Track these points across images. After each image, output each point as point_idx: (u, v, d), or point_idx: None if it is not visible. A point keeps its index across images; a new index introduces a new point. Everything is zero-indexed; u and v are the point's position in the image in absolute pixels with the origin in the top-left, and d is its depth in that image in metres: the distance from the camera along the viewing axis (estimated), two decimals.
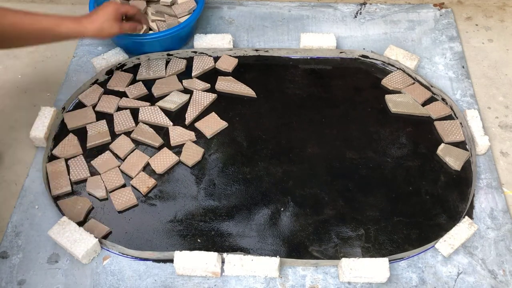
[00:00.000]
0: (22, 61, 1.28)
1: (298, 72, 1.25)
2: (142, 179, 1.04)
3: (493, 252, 0.95)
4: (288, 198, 1.02)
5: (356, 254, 0.94)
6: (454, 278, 0.92)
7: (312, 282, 0.92)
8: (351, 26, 1.35)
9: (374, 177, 1.05)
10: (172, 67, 1.24)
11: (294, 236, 0.97)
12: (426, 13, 1.39)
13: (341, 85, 1.22)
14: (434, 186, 1.04)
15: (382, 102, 1.18)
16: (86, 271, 0.93)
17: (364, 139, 1.12)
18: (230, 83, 1.20)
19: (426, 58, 1.27)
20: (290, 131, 1.13)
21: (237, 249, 0.95)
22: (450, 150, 1.08)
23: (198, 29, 1.34)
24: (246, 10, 1.40)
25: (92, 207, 1.01)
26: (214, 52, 1.27)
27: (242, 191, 1.04)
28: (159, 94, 1.19)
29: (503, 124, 1.16)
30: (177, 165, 1.08)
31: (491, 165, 1.07)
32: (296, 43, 1.31)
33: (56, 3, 1.43)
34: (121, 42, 1.24)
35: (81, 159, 1.07)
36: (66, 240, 0.92)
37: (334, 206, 1.01)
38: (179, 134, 1.11)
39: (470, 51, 1.30)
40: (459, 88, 1.21)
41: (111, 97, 1.18)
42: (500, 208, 1.01)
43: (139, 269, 0.93)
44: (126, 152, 1.08)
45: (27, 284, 0.91)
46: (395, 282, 0.92)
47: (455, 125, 1.13)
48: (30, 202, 1.02)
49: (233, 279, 0.92)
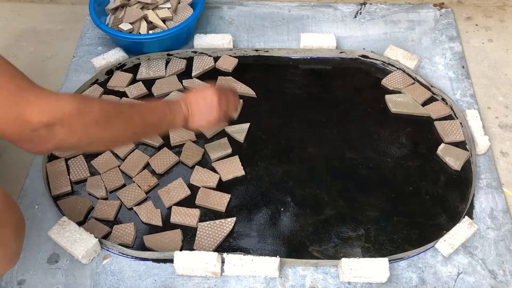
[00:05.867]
0: (22, 61, 1.28)
1: (298, 72, 1.25)
2: (144, 177, 1.04)
3: (493, 252, 0.95)
4: (288, 198, 1.02)
5: (356, 254, 0.94)
6: (454, 278, 0.92)
7: (312, 282, 0.92)
8: (351, 26, 1.35)
9: (374, 177, 1.05)
10: (172, 67, 1.24)
11: (294, 236, 0.97)
12: (426, 13, 1.38)
13: (341, 85, 1.22)
14: (434, 186, 1.04)
15: (382, 102, 1.18)
16: (86, 271, 0.93)
17: (364, 139, 1.12)
18: (230, 83, 1.20)
19: (426, 58, 1.27)
20: (290, 131, 1.13)
21: (237, 249, 0.95)
22: (450, 150, 1.08)
23: (198, 29, 1.34)
24: (246, 10, 1.40)
25: (92, 207, 1.01)
26: (214, 52, 1.27)
27: (242, 191, 1.04)
28: (159, 94, 1.19)
29: (503, 124, 1.16)
30: (177, 165, 1.08)
31: (491, 165, 1.07)
32: (296, 43, 1.31)
33: (56, 3, 1.43)
34: (121, 42, 1.24)
35: (81, 159, 1.07)
36: (66, 240, 0.92)
37: (334, 206, 1.01)
38: (179, 134, 1.11)
39: (470, 51, 1.30)
40: (459, 88, 1.21)
41: (111, 97, 1.18)
42: (500, 208, 1.01)
43: (139, 269, 0.93)
44: (126, 152, 1.08)
45: (27, 284, 0.91)
46: (395, 282, 0.92)
47: (455, 125, 1.13)
48: (30, 202, 1.02)
49: (233, 279, 0.92)
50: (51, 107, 0.65)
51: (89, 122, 0.70)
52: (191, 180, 1.04)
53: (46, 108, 0.65)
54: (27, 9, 1.41)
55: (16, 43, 1.31)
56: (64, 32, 1.37)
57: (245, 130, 1.12)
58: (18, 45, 1.31)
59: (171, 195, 1.02)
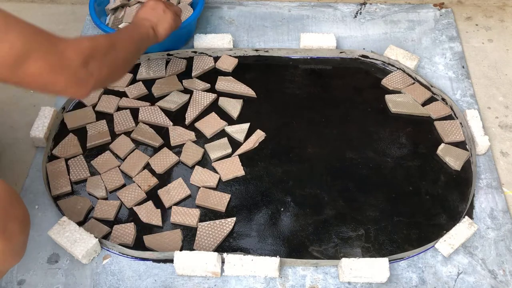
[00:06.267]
0: None
1: (298, 72, 1.25)
2: (144, 177, 1.04)
3: (493, 252, 0.95)
4: (288, 198, 1.02)
5: (356, 254, 0.94)
6: (454, 278, 0.92)
7: (312, 282, 0.92)
8: (351, 26, 1.35)
9: (374, 177, 1.05)
10: (172, 67, 1.24)
11: (294, 236, 0.97)
12: (426, 13, 1.38)
13: (341, 85, 1.22)
14: (434, 186, 1.04)
15: (382, 102, 1.18)
16: (86, 271, 0.93)
17: (364, 139, 1.12)
18: (230, 83, 1.20)
19: (426, 58, 1.27)
20: (290, 131, 1.13)
21: (237, 249, 0.95)
22: (450, 150, 1.08)
23: (198, 29, 1.34)
24: (246, 10, 1.40)
25: (92, 207, 1.01)
26: (214, 52, 1.27)
27: (242, 191, 1.04)
28: (159, 94, 1.19)
29: (503, 124, 1.16)
30: (177, 165, 1.08)
31: (491, 165, 1.07)
32: (296, 43, 1.31)
33: (56, 3, 1.43)
34: None
35: (81, 159, 1.07)
36: (66, 240, 0.92)
37: (334, 206, 1.01)
38: (179, 134, 1.11)
39: (470, 51, 1.30)
40: (459, 88, 1.21)
41: (111, 97, 1.18)
42: (500, 208, 1.01)
43: (139, 269, 0.93)
44: (126, 152, 1.08)
45: (27, 284, 0.91)
46: (395, 282, 0.92)
47: (455, 125, 1.13)
48: (30, 202, 1.01)
49: (233, 279, 0.92)
50: (80, 47, 0.76)
51: (106, 50, 0.82)
52: (191, 180, 1.04)
53: (77, 49, 0.75)
54: (27, 9, 1.41)
55: None
56: (64, 32, 1.35)
57: (245, 130, 1.12)
58: None
59: (171, 195, 1.02)
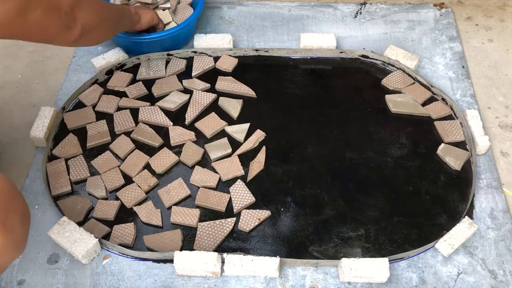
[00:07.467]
0: (22, 61, 1.28)
1: (298, 72, 1.25)
2: (144, 177, 1.04)
3: (493, 252, 0.95)
4: (288, 198, 1.02)
5: (356, 254, 0.94)
6: (454, 278, 0.92)
7: (312, 282, 0.92)
8: (351, 26, 1.35)
9: (374, 177, 1.05)
10: (172, 67, 1.24)
11: (294, 236, 0.97)
12: (426, 13, 1.39)
13: (341, 85, 1.22)
14: (434, 186, 1.04)
15: (382, 102, 1.18)
16: (86, 271, 0.93)
17: (364, 139, 1.12)
18: (230, 83, 1.20)
19: (426, 58, 1.27)
20: (290, 131, 1.13)
21: (237, 249, 0.95)
22: (450, 150, 1.08)
23: (198, 29, 1.34)
24: (246, 10, 1.40)
25: (92, 207, 1.01)
26: (214, 52, 1.27)
27: None
28: (159, 94, 1.19)
29: (503, 124, 1.16)
30: (177, 165, 1.08)
31: (491, 165, 1.07)
32: (296, 43, 1.31)
33: None
34: (121, 42, 1.24)
35: (81, 159, 1.07)
36: (66, 240, 0.92)
37: (334, 206, 1.01)
38: (179, 134, 1.11)
39: (470, 51, 1.30)
40: (459, 88, 1.21)
41: (111, 97, 1.18)
42: (500, 208, 1.01)
43: (139, 269, 0.93)
44: (126, 152, 1.08)
45: (27, 284, 0.91)
46: (395, 282, 0.92)
47: (455, 125, 1.13)
48: (30, 202, 1.01)
49: (233, 279, 0.92)
50: None
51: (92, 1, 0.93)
52: (191, 180, 1.04)
53: None
54: None
55: (16, 42, 1.31)
56: None
57: (245, 130, 1.12)
58: (18, 45, 1.31)
59: (171, 195, 1.02)
